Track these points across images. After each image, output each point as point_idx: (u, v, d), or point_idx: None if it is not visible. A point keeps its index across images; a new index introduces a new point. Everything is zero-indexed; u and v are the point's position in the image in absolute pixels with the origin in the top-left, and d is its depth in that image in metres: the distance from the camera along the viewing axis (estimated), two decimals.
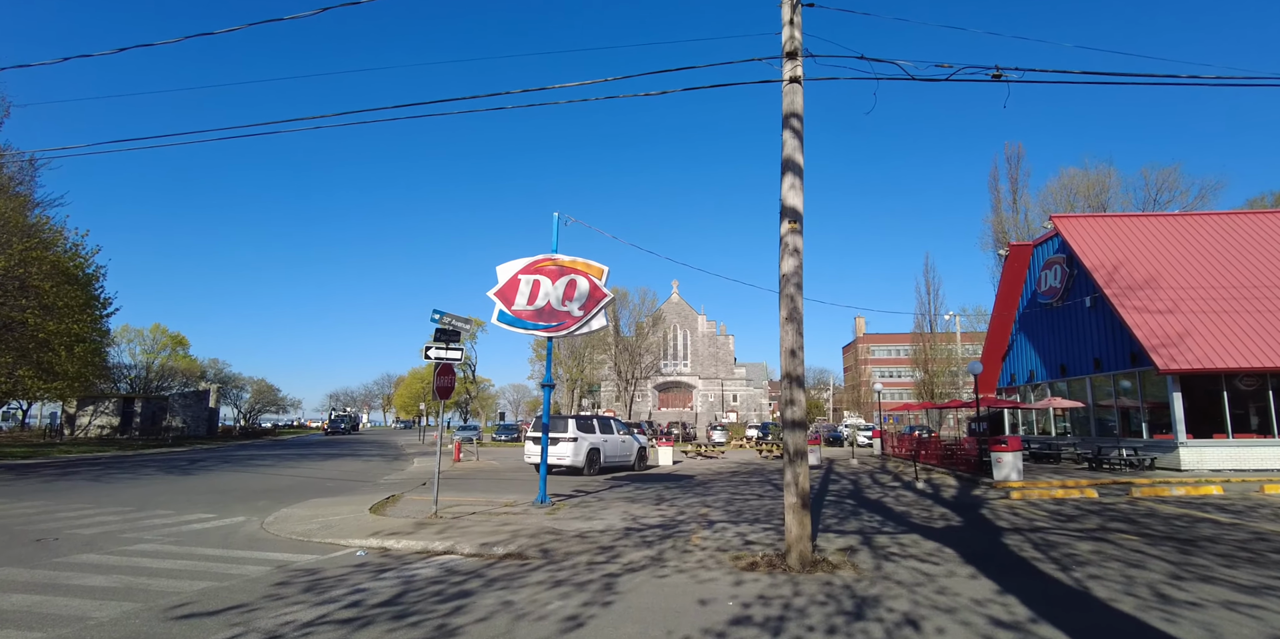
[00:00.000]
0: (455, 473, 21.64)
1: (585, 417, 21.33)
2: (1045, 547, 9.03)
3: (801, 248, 8.13)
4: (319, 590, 6.28)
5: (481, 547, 8.32)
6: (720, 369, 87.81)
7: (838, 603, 6.05)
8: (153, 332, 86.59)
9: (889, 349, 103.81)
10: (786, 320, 7.97)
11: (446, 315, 10.92)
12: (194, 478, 18.78)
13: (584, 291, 13.45)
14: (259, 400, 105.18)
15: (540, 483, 13.06)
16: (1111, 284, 20.68)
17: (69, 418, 55.59)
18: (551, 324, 13.41)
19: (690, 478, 20.11)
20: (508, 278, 13.71)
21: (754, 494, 15.46)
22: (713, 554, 8.17)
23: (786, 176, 8.23)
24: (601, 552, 8.21)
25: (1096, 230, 23.73)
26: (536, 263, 13.71)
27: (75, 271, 31.01)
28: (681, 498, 14.54)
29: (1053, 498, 14.95)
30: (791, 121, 8.27)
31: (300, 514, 11.22)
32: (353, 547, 8.64)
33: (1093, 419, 23.49)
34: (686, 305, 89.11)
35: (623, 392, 74.72)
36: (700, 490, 16.25)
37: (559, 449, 19.76)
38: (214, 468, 22.69)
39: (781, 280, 8.10)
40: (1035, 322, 27.16)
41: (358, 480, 19.26)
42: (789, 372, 7.90)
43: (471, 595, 6.18)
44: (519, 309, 13.49)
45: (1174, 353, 18.39)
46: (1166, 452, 19.20)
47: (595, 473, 20.36)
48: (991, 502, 14.49)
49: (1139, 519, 11.63)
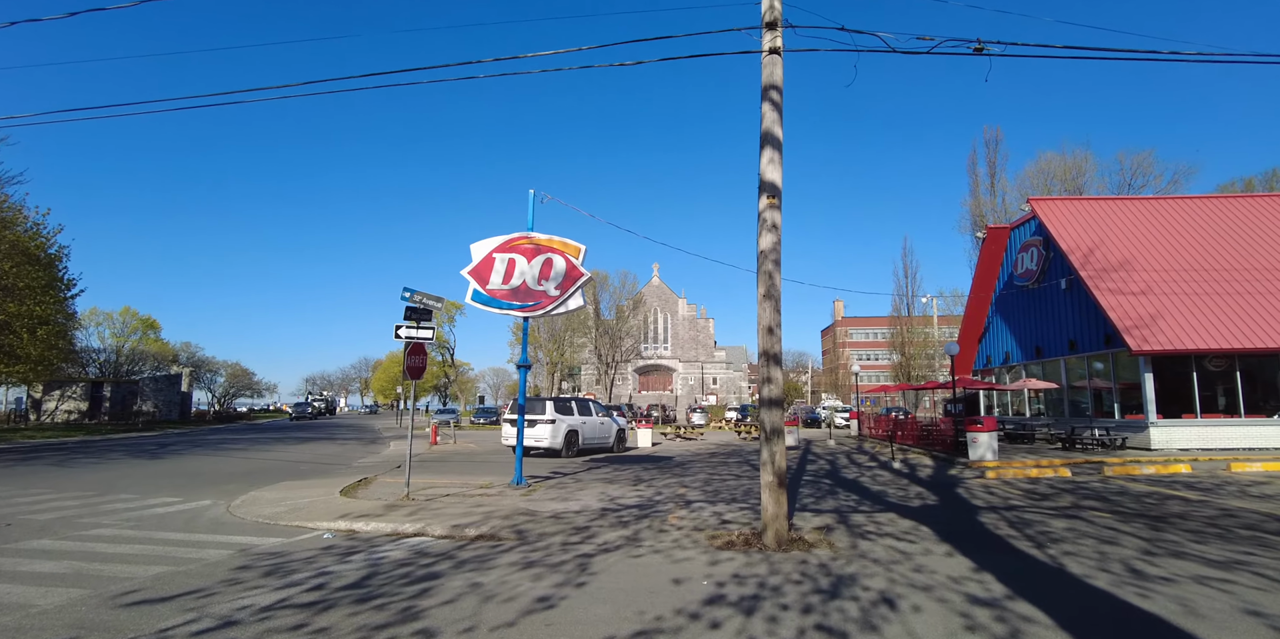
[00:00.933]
0: (432, 456, 21.41)
1: (563, 398, 21.16)
2: (1021, 524, 9.06)
3: (780, 224, 7.96)
4: (281, 574, 6.07)
5: (453, 528, 8.14)
6: (700, 352, 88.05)
7: (813, 581, 5.97)
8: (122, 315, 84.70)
9: (867, 332, 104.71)
10: (764, 298, 7.81)
11: (417, 293, 10.63)
12: (162, 462, 18.36)
13: (560, 270, 13.19)
14: (234, 385, 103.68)
15: (516, 465, 12.89)
16: (1087, 266, 20.83)
17: (35, 403, 54.30)
18: (527, 304, 13.15)
19: (669, 459, 20.08)
20: (482, 256, 13.40)
21: (731, 474, 15.44)
22: (689, 533, 8.07)
23: (765, 150, 8.02)
24: (576, 532, 8.07)
25: (1073, 213, 23.86)
26: (512, 241, 13.41)
27: (36, 252, 29.99)
28: (659, 479, 14.47)
29: (1027, 477, 15.09)
30: (771, 94, 8.05)
31: (269, 497, 10.95)
32: (320, 529, 8.42)
33: (1066, 400, 23.81)
34: (667, 289, 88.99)
35: (603, 375, 74.67)
36: (678, 471, 16.20)
37: (537, 431, 19.60)
38: (184, 452, 22.23)
39: (759, 257, 7.93)
40: (1012, 304, 27.38)
41: (332, 464, 18.95)
42: (766, 349, 7.76)
43: (440, 578, 6.00)
44: (494, 288, 13.21)
45: (1146, 334, 18.60)
46: (1138, 431, 19.50)
47: (573, 455, 20.25)
48: (967, 481, 14.59)
49: (1111, 497, 11.75)
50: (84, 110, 11.19)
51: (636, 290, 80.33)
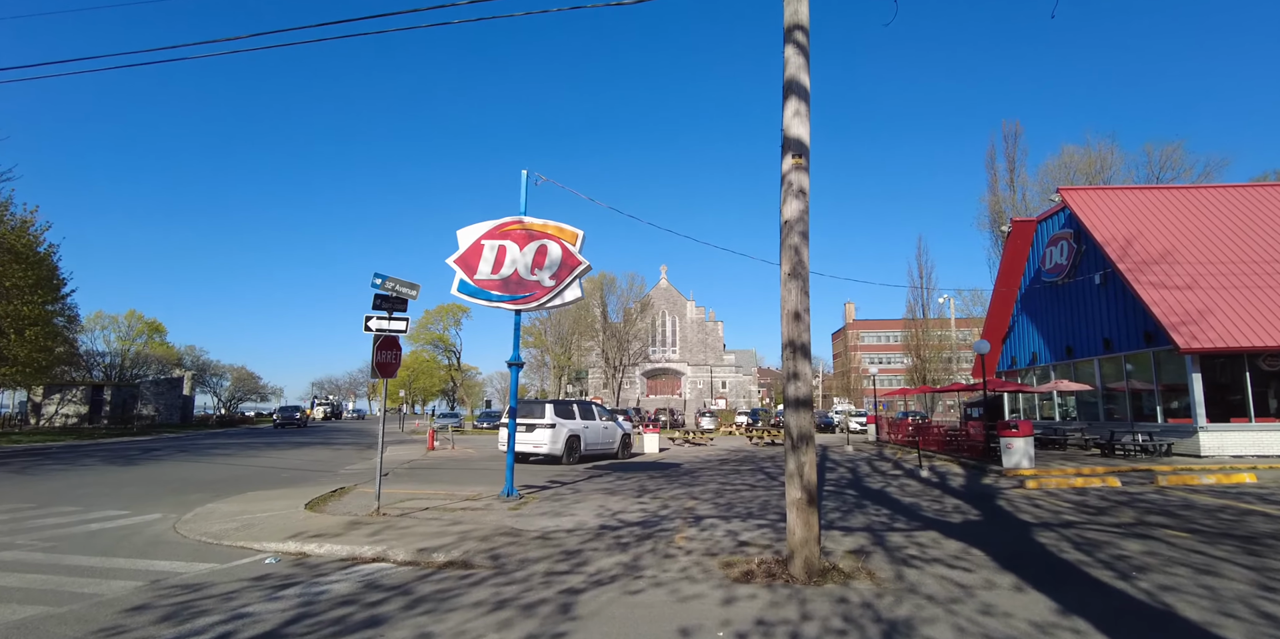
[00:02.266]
0: (425, 462, 20.18)
1: (564, 401, 19.90)
2: (1088, 546, 7.70)
3: (808, 188, 6.67)
4: (181, 618, 4.80)
5: (419, 553, 6.86)
6: (709, 355, 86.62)
7: (860, 630, 4.65)
8: (128, 318, 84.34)
9: (879, 335, 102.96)
10: (789, 277, 6.51)
11: (389, 279, 9.39)
12: (136, 469, 17.20)
13: (556, 259, 11.93)
14: (239, 388, 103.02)
15: (507, 473, 11.61)
16: (1125, 259, 19.39)
17: (35, 406, 53.57)
18: (519, 295, 11.89)
19: (677, 466, 18.75)
20: (469, 243, 12.16)
21: (745, 484, 14.10)
22: (699, 560, 6.77)
23: (789, 102, 6.73)
24: (565, 558, 6.78)
25: (1106, 203, 22.41)
26: (502, 226, 12.16)
27: (23, 250, 28.99)
28: (666, 489, 13.16)
29: (1072, 487, 13.69)
30: (795, 35, 6.77)
31: (226, 510, 9.72)
32: (266, 552, 7.16)
33: (1101, 403, 22.30)
34: (675, 291, 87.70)
35: (610, 378, 73.36)
36: (687, 480, 14.88)
37: (535, 436, 18.32)
38: (166, 457, 21.09)
39: (783, 228, 6.64)
40: (1039, 301, 25.91)
41: (318, 470, 17.77)
42: (792, 339, 6.45)
43: (382, 625, 4.72)
44: (482, 278, 11.96)
45: (1195, 331, 17.13)
46: (1184, 436, 18.00)
47: (574, 461, 18.96)
48: (1006, 491, 13.21)
49: (1178, 512, 10.35)
50: (66, 62, 9.75)
51: (644, 293, 79.10)
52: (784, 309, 6.54)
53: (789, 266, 6.53)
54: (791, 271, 6.50)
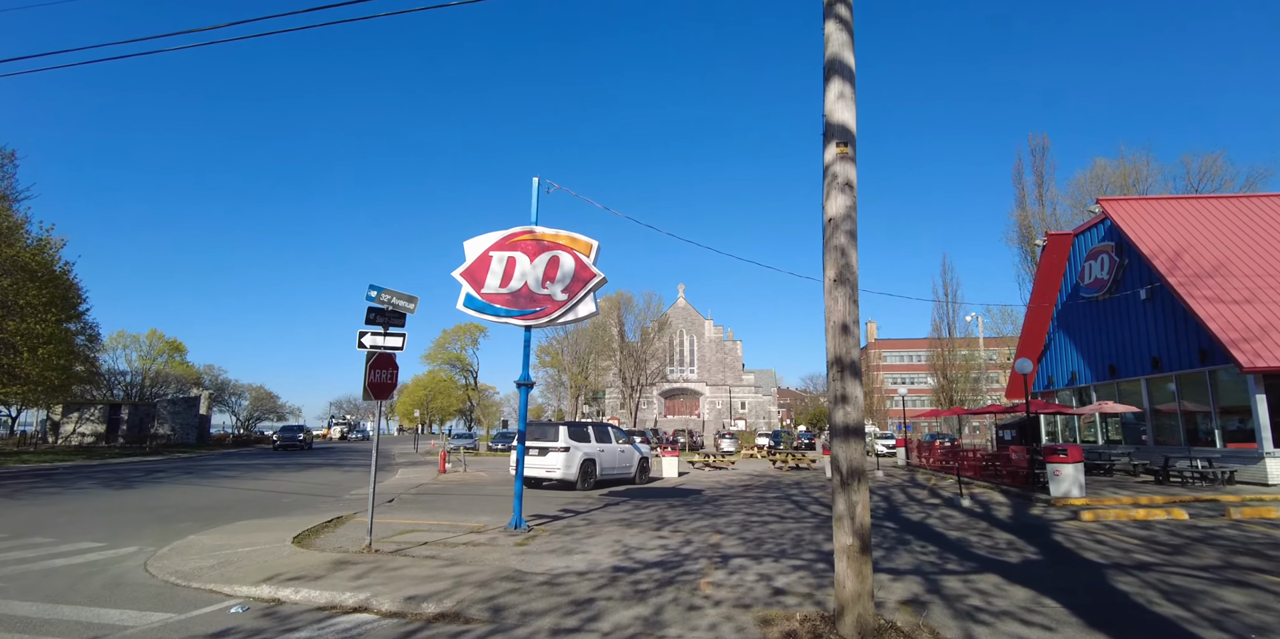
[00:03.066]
0: (434, 487, 19.29)
1: (579, 423, 18.98)
2: (1180, 597, 6.61)
3: (855, 180, 5.79)
4: None
5: (407, 602, 5.95)
6: (728, 376, 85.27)
7: None
8: (149, 337, 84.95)
9: (901, 355, 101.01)
10: (835, 283, 5.61)
11: (385, 292, 8.61)
12: (132, 492, 16.50)
13: (569, 271, 11.12)
14: (258, 408, 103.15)
15: (515, 503, 10.69)
16: (1175, 272, 18.21)
17: (54, 425, 53.66)
18: (529, 310, 11.08)
19: (698, 493, 17.69)
20: (477, 254, 11.40)
21: (773, 515, 13.04)
22: (730, 613, 5.79)
23: (832, 83, 5.89)
24: (574, 610, 5.84)
25: (1150, 214, 21.26)
26: (512, 237, 11.40)
27: (37, 268, 28.84)
28: (688, 520, 12.15)
29: (1133, 519, 12.47)
30: (837, 9, 5.95)
31: (207, 543, 8.90)
32: (235, 598, 6.29)
33: (1150, 426, 20.93)
34: (693, 310, 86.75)
35: (627, 399, 72.27)
36: (710, 509, 13.85)
37: (548, 461, 17.40)
38: (168, 480, 20.41)
39: (827, 227, 5.76)
40: (1077, 318, 24.66)
41: (322, 496, 16.95)
42: (839, 355, 5.53)
43: None
44: (490, 292, 11.17)
45: (1258, 348, 15.89)
46: (1248, 463, 16.65)
47: (590, 487, 17.97)
48: (1059, 524, 12.05)
49: (1268, 552, 9.17)
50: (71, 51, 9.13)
51: (661, 312, 78.25)
52: (829, 321, 5.63)
53: (834, 271, 5.63)
54: (838, 277, 5.60)
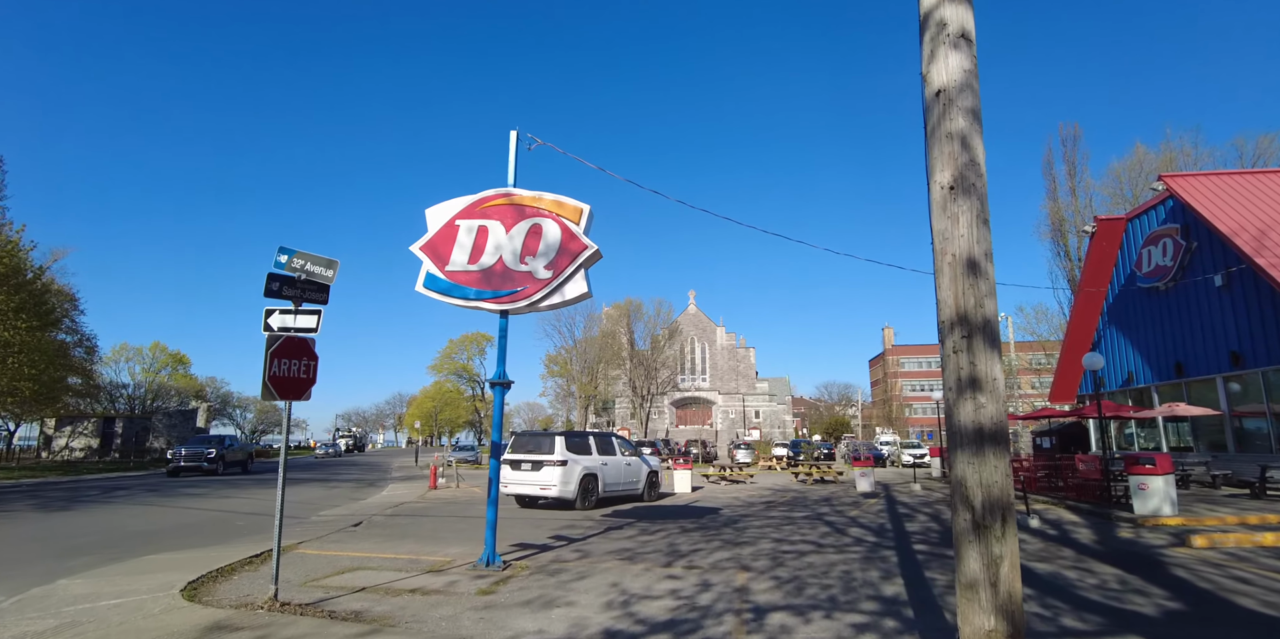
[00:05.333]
0: (416, 506, 17.07)
1: (578, 433, 16.75)
2: None
3: (972, 31, 3.58)
4: None
5: None
6: (741, 384, 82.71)
7: None
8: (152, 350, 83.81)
9: (920, 361, 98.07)
10: (953, 193, 3.38)
11: (298, 255, 6.45)
12: (65, 516, 14.40)
13: (554, 241, 8.94)
14: (262, 421, 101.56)
15: (486, 534, 8.47)
16: (1263, 253, 15.79)
17: (47, 439, 52.08)
18: (504, 292, 8.89)
19: (715, 512, 15.38)
20: (441, 224, 9.25)
21: (808, 543, 10.70)
22: None
23: None
24: None
25: (1222, 191, 18.83)
26: (483, 202, 9.25)
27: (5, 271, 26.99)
28: (705, 550, 9.85)
29: (1258, 545, 10.07)
30: None
31: (70, 593, 6.73)
32: None
33: (1230, 430, 18.40)
34: (704, 316, 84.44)
35: (638, 408, 69.98)
36: (730, 534, 11.53)
37: (543, 476, 15.16)
38: (124, 499, 18.32)
39: (932, 107, 3.54)
40: (1133, 312, 22.20)
41: (287, 516, 14.78)
42: (966, 311, 3.28)
43: None
44: (456, 270, 9.00)
45: None
46: None
47: (591, 506, 15.68)
48: (1165, 552, 9.67)
49: None
50: None
51: (672, 319, 75.99)
52: (942, 254, 3.39)
53: (950, 173, 3.40)
54: (956, 182, 3.37)
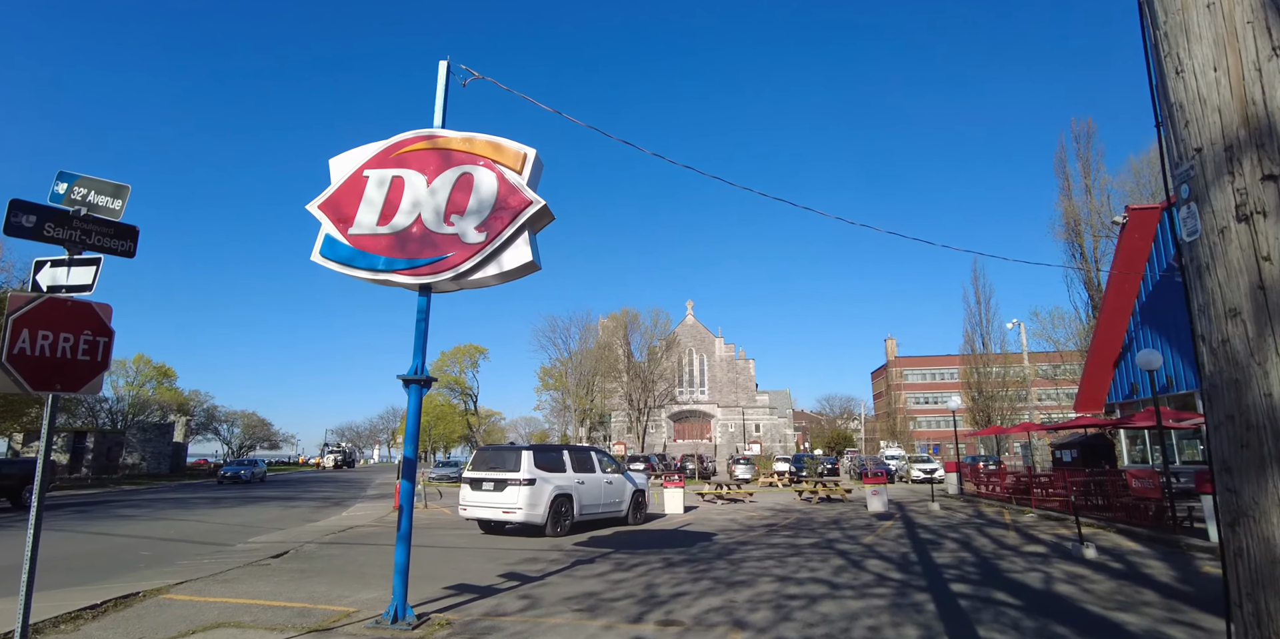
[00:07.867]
0: (364, 530, 14.90)
1: (550, 447, 14.64)
2: None
3: None
4: None
5: None
6: (740, 396, 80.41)
7: None
8: (135, 362, 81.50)
9: (924, 373, 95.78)
10: None
11: (82, 181, 4.41)
12: None
13: (487, 196, 6.91)
14: (250, 436, 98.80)
15: (395, 579, 6.35)
16: None
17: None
18: (422, 260, 6.84)
19: (708, 538, 13.19)
20: (346, 176, 7.24)
21: (820, 581, 8.53)
22: None
23: None
24: None
25: None
26: (399, 146, 7.22)
27: None
28: (690, 595, 7.70)
29: None
30: None
31: None
32: None
33: None
34: (702, 327, 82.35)
35: (635, 422, 67.59)
36: (724, 570, 9.37)
37: (506, 497, 13.01)
38: (49, 522, 16.12)
39: None
40: (1170, 310, 20.14)
41: (209, 543, 12.81)
42: (1257, 109, 1.23)
43: None
44: (362, 232, 6.97)
45: None
46: None
47: (565, 531, 13.49)
48: None
49: None
50: None
51: (669, 330, 73.90)
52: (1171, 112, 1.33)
53: None
54: None
